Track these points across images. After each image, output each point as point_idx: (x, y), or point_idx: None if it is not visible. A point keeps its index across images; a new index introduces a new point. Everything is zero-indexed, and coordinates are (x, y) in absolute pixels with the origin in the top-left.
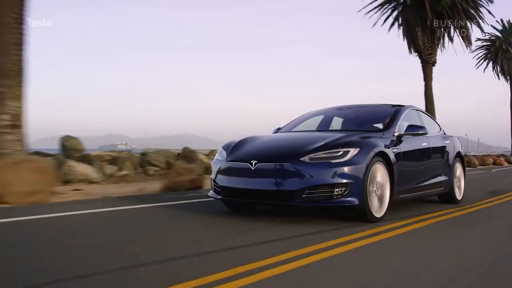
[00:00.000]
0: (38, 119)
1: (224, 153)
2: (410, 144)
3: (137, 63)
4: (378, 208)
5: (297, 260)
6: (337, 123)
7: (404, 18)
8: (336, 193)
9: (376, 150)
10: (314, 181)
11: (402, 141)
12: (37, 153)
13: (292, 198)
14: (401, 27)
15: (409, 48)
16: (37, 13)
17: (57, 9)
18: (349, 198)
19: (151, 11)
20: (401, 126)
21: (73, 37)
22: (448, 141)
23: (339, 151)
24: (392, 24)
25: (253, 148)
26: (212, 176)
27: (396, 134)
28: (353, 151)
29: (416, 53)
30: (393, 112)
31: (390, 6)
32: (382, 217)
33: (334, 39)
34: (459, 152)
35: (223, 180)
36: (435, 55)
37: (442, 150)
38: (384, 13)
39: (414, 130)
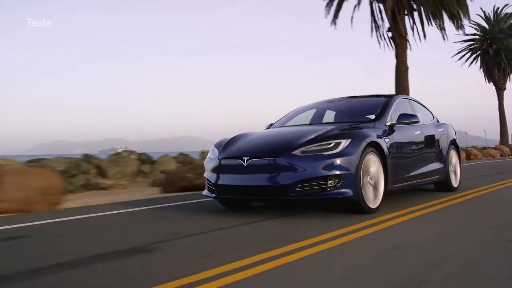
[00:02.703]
0: (35, 125)
1: (216, 151)
2: (402, 133)
3: (135, 66)
4: (373, 199)
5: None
6: (329, 116)
7: (484, 61)
8: (330, 185)
9: (368, 140)
10: (307, 174)
11: (394, 130)
12: None
13: (285, 192)
14: (481, 66)
15: (486, 79)
16: (37, 13)
17: (55, 11)
18: (342, 190)
19: (145, 14)
20: (393, 115)
21: (71, 41)
22: (442, 129)
23: (331, 143)
24: (471, 63)
25: (245, 145)
26: (206, 174)
27: (388, 123)
28: (344, 143)
29: (492, 83)
30: (384, 102)
31: (474, 53)
32: (378, 208)
33: (327, 39)
34: (453, 139)
35: (216, 178)
36: (505, 83)
37: (436, 138)
38: (468, 58)
39: (406, 118)
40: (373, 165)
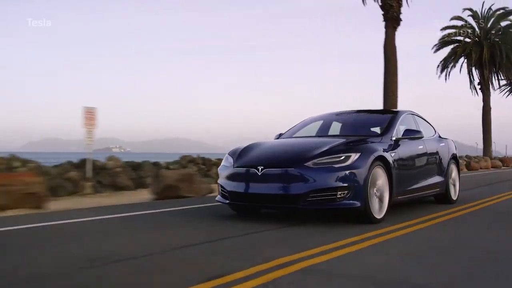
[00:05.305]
0: (26, 122)
1: (231, 160)
2: (407, 148)
3: (131, 66)
4: (379, 210)
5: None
6: (336, 128)
7: None
8: (339, 196)
9: (376, 154)
10: (318, 185)
11: (399, 145)
12: None
13: (297, 201)
14: None
15: None
16: (37, 13)
17: (53, 11)
18: (351, 201)
19: (143, 15)
20: (398, 130)
21: (68, 41)
22: (443, 144)
23: (341, 156)
24: (508, 95)
25: (259, 154)
26: (220, 181)
27: (393, 138)
28: (354, 156)
29: None
30: (391, 117)
31: None
32: (383, 218)
33: (328, 42)
34: (454, 154)
35: (230, 185)
36: None
37: (437, 153)
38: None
39: (411, 134)
40: (380, 178)
